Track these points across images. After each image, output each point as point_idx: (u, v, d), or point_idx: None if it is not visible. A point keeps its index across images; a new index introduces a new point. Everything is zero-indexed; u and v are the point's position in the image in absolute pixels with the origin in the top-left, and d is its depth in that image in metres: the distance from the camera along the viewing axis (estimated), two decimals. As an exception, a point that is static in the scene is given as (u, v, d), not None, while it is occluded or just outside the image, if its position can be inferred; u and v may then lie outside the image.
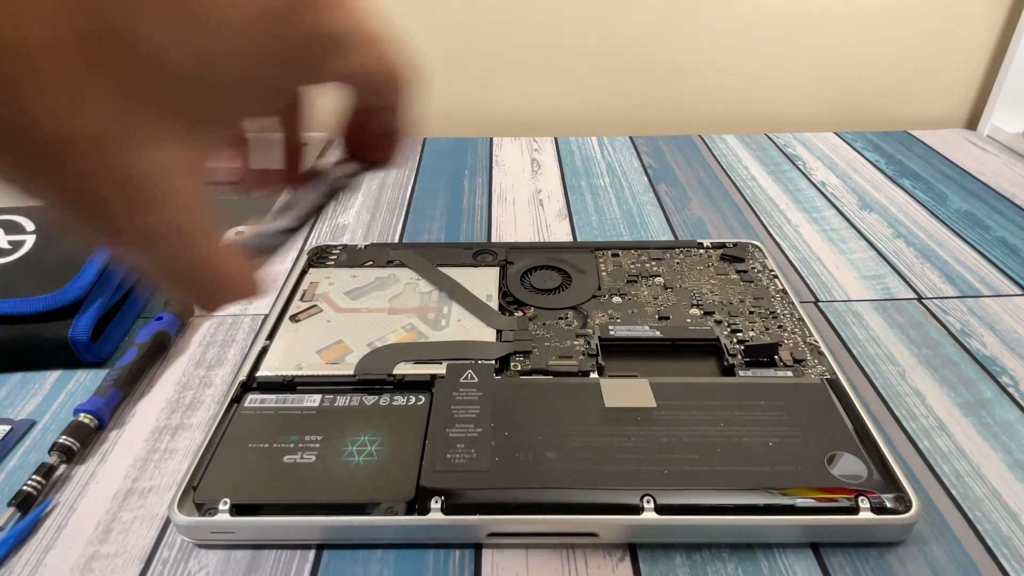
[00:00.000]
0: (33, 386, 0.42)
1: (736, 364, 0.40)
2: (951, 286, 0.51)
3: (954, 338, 0.46)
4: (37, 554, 0.32)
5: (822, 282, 0.52)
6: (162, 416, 0.40)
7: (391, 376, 0.39)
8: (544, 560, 0.32)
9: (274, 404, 0.38)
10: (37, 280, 0.44)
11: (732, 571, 0.32)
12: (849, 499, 0.32)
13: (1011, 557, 0.32)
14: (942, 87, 0.84)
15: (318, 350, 0.42)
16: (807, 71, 0.82)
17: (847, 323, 0.47)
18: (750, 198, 0.65)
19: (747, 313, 0.45)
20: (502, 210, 0.63)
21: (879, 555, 0.32)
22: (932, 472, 0.36)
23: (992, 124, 0.78)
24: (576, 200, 0.65)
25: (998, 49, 0.81)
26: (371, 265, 0.51)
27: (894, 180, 0.68)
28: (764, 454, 0.34)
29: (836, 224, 0.60)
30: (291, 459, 0.34)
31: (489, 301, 0.46)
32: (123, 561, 0.32)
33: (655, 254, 0.52)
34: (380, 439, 0.35)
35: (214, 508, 0.32)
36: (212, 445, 0.35)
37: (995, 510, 0.34)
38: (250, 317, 0.48)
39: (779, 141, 0.77)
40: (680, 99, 0.84)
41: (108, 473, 0.37)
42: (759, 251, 0.52)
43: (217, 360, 0.44)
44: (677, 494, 0.32)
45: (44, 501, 0.35)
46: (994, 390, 0.42)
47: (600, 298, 0.47)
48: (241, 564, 0.32)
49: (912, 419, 0.40)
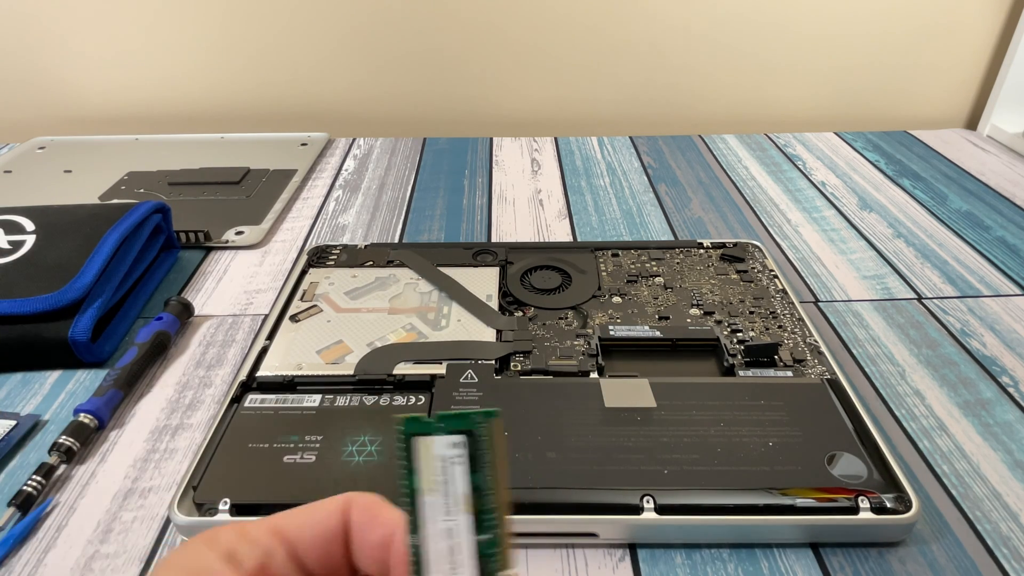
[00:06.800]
0: (33, 386, 0.42)
1: (736, 364, 0.40)
2: (951, 286, 0.51)
3: (954, 338, 0.46)
4: (37, 554, 0.32)
5: (822, 282, 0.52)
6: (162, 416, 0.40)
7: (391, 376, 0.39)
8: (544, 560, 0.32)
9: (274, 404, 0.38)
10: (37, 280, 0.44)
11: (732, 571, 0.32)
12: (849, 499, 0.32)
13: (1011, 557, 0.32)
14: (942, 87, 0.84)
15: (318, 350, 0.42)
16: (807, 71, 0.82)
17: (847, 323, 0.47)
18: (750, 198, 0.65)
19: (747, 313, 0.45)
20: (502, 210, 0.63)
21: (879, 555, 0.32)
22: (932, 472, 0.36)
23: (992, 124, 0.78)
24: (576, 200, 0.65)
25: (998, 49, 0.81)
26: (371, 265, 0.51)
27: (894, 180, 0.68)
28: (764, 454, 0.34)
29: (836, 224, 0.60)
30: (291, 459, 0.34)
31: (489, 301, 0.46)
32: (123, 561, 0.32)
33: (655, 254, 0.52)
34: (380, 439, 0.35)
35: (214, 508, 0.32)
36: (212, 445, 0.35)
37: (995, 510, 0.34)
38: (250, 317, 0.48)
39: (779, 141, 0.77)
40: (680, 99, 0.84)
41: (108, 473, 0.37)
42: (759, 251, 0.52)
43: (217, 360, 0.44)
44: (677, 494, 0.32)
45: (44, 501, 0.35)
46: (994, 390, 0.42)
47: (600, 298, 0.47)
48: (241, 564, 0.32)
49: (912, 419, 0.40)
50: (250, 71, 0.81)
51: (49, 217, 0.49)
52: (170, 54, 0.80)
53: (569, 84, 0.83)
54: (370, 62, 0.81)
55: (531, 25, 0.79)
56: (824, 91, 0.84)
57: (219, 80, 0.82)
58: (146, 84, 0.82)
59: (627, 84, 0.83)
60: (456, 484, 0.17)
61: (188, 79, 0.81)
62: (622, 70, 0.82)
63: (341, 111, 0.84)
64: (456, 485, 0.17)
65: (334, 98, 0.83)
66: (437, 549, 0.17)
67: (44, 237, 0.47)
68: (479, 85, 0.83)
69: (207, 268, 0.54)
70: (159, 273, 0.53)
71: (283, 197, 0.65)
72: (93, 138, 0.79)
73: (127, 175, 0.69)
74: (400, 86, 0.83)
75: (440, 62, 0.81)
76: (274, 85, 0.82)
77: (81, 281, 0.44)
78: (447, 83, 0.83)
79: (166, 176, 0.69)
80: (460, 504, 0.17)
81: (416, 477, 0.17)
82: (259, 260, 0.55)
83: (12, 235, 0.48)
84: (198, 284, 0.52)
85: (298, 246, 0.57)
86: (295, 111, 0.84)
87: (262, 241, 0.58)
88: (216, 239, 0.57)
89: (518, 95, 0.84)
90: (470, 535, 0.17)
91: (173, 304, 0.46)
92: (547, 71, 0.82)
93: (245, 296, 0.51)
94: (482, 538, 0.17)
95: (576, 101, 0.84)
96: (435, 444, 0.17)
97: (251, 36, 0.79)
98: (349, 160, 0.74)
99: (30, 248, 0.47)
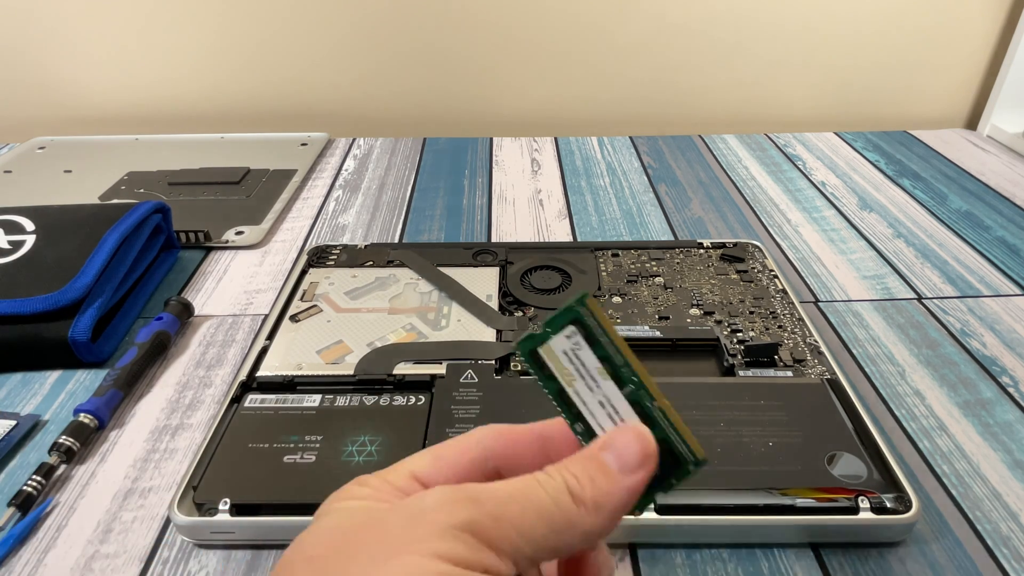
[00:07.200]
0: (33, 386, 0.42)
1: (736, 364, 0.40)
2: (951, 286, 0.51)
3: (954, 338, 0.46)
4: (37, 554, 0.32)
5: (822, 282, 0.52)
6: (162, 416, 0.40)
7: (391, 376, 0.39)
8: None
9: (274, 404, 0.38)
10: (37, 280, 0.44)
11: (732, 571, 0.32)
12: (849, 499, 0.32)
13: (1011, 557, 0.32)
14: (942, 87, 0.84)
15: (318, 350, 0.42)
16: (807, 71, 0.82)
17: (847, 323, 0.47)
18: (750, 198, 0.65)
19: (747, 313, 0.45)
20: (502, 210, 0.63)
21: (879, 555, 0.32)
22: (932, 472, 0.36)
23: (992, 124, 0.78)
24: (576, 200, 0.65)
25: (998, 49, 0.81)
26: (371, 265, 0.51)
27: (894, 180, 0.68)
28: (764, 454, 0.34)
29: (836, 224, 0.60)
30: (291, 459, 0.34)
31: (489, 301, 0.46)
32: (123, 561, 0.32)
33: (655, 254, 0.52)
34: (380, 439, 0.35)
35: (214, 508, 0.32)
36: (212, 445, 0.35)
37: (995, 510, 0.34)
38: (250, 317, 0.48)
39: (779, 141, 0.77)
40: (680, 99, 0.84)
41: (108, 473, 0.37)
42: (759, 251, 0.52)
43: (217, 360, 0.44)
44: (677, 494, 0.32)
45: (44, 501, 0.35)
46: (994, 390, 0.42)
47: (600, 298, 0.47)
48: (241, 564, 0.32)
49: (912, 419, 0.40)
50: (250, 71, 0.81)
51: (49, 217, 0.49)
52: (170, 54, 0.80)
53: (569, 84, 0.83)
54: (370, 62, 0.81)
55: (531, 25, 0.79)
56: (824, 91, 0.84)
57: (219, 80, 0.82)
58: (146, 84, 0.82)
59: (627, 84, 0.83)
60: (587, 364, 0.20)
61: (188, 79, 0.81)
62: (622, 70, 0.82)
63: (341, 111, 0.84)
64: (587, 365, 0.20)
65: (334, 98, 0.83)
66: (599, 417, 0.20)
67: (44, 237, 0.47)
68: (479, 85, 0.83)
69: (207, 268, 0.54)
70: (159, 273, 0.53)
71: (283, 197, 0.65)
72: (93, 138, 0.79)
73: (127, 175, 0.69)
74: (400, 86, 0.83)
75: (440, 62, 0.81)
76: (274, 85, 0.82)
77: (81, 281, 0.44)
78: (447, 83, 0.83)
79: (166, 176, 0.69)
80: (597, 376, 0.20)
81: (555, 380, 0.20)
82: (259, 260, 0.55)
83: (12, 235, 0.48)
84: (198, 284, 0.52)
85: (298, 246, 0.57)
86: (295, 111, 0.84)
87: (262, 241, 0.58)
88: (216, 239, 0.57)
89: (518, 95, 0.84)
90: (617, 392, 0.20)
91: (173, 304, 0.46)
92: (547, 71, 0.82)
93: (245, 296, 0.51)
94: (626, 390, 0.20)
95: (576, 101, 0.84)
96: (555, 345, 0.20)
97: (251, 36, 0.79)
98: (349, 160, 0.74)
99: (30, 248, 0.47)
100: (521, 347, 0.21)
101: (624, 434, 0.20)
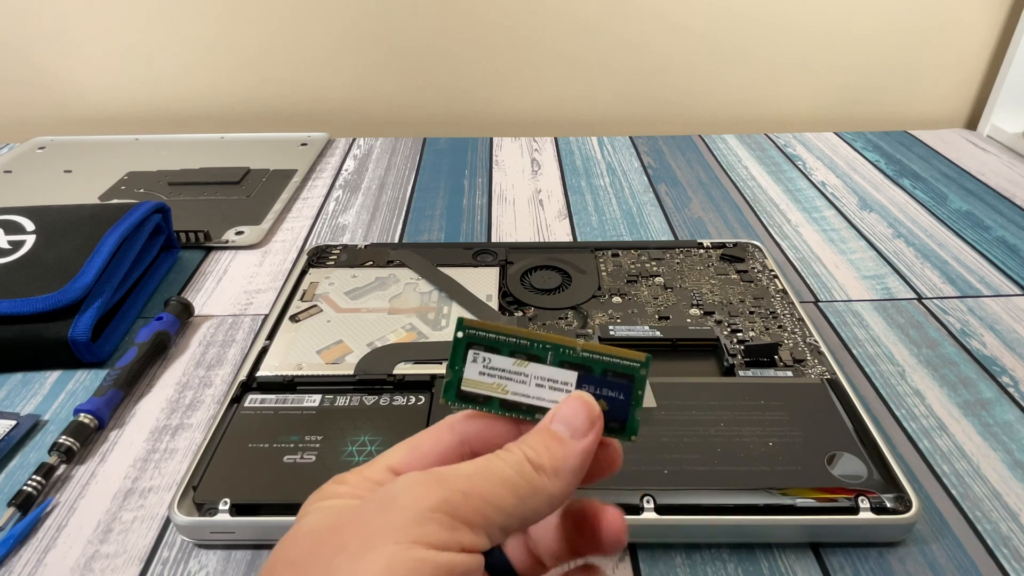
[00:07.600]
0: (33, 386, 0.42)
1: (736, 364, 0.40)
2: (951, 286, 0.51)
3: (954, 338, 0.46)
4: (37, 554, 0.32)
5: (822, 282, 0.52)
6: (162, 416, 0.40)
7: (391, 376, 0.39)
8: (544, 560, 0.32)
9: (274, 404, 0.38)
10: (37, 280, 0.44)
11: (732, 571, 0.32)
12: (849, 499, 0.32)
13: (1011, 557, 0.32)
14: (942, 87, 0.84)
15: (318, 350, 0.42)
16: (807, 71, 0.82)
17: (847, 323, 0.47)
18: (750, 198, 0.65)
19: (747, 313, 0.45)
20: (502, 210, 0.63)
21: (879, 555, 0.32)
22: (932, 472, 0.36)
23: (992, 124, 0.78)
24: (576, 200, 0.65)
25: (998, 49, 0.81)
26: (371, 265, 0.51)
27: (894, 180, 0.68)
28: (764, 454, 0.34)
29: (836, 224, 0.60)
30: (291, 459, 0.34)
31: (489, 301, 0.46)
32: (123, 561, 0.32)
33: (655, 254, 0.52)
34: (380, 439, 0.35)
35: (214, 508, 0.32)
36: (212, 445, 0.35)
37: (995, 510, 0.34)
38: (250, 317, 0.48)
39: (779, 141, 0.77)
40: (680, 99, 0.84)
41: (108, 473, 0.37)
42: (759, 251, 0.52)
43: (217, 360, 0.44)
44: (677, 494, 0.32)
45: (44, 501, 0.35)
46: (994, 390, 0.42)
47: (600, 298, 0.47)
48: (241, 564, 0.32)
49: (912, 419, 0.40)
50: (250, 71, 0.81)
51: (49, 217, 0.49)
52: (170, 54, 0.80)
53: (569, 84, 0.83)
54: (370, 62, 0.81)
55: (531, 25, 0.79)
56: (824, 91, 0.84)
57: (219, 80, 0.82)
58: (146, 84, 0.82)
59: (627, 84, 0.83)
60: (504, 367, 0.21)
61: (188, 79, 0.81)
62: (622, 70, 0.82)
63: (341, 111, 0.84)
64: (505, 367, 0.21)
65: (334, 98, 0.83)
66: (546, 396, 0.21)
67: (44, 237, 0.47)
68: (479, 85, 0.83)
69: (207, 268, 0.54)
70: (159, 273, 0.53)
71: (283, 197, 0.65)
72: (93, 138, 0.79)
73: (127, 175, 0.69)
74: (400, 86, 0.83)
75: (440, 62, 0.81)
76: (274, 85, 0.82)
77: (81, 281, 0.44)
78: (447, 83, 0.83)
79: (166, 176, 0.69)
80: (519, 369, 0.21)
81: (493, 398, 0.21)
82: (259, 260, 0.55)
83: (12, 235, 0.48)
84: (198, 284, 0.52)
85: (298, 246, 0.57)
86: (295, 111, 0.84)
87: (262, 241, 0.58)
88: (216, 239, 0.57)
89: (518, 95, 0.84)
90: (544, 367, 0.21)
91: (173, 304, 0.46)
92: (547, 71, 0.82)
93: (245, 296, 0.51)
94: (548, 359, 0.21)
95: (576, 101, 0.84)
96: (469, 375, 0.21)
97: (251, 36, 0.79)
98: (349, 160, 0.74)
99: (30, 248, 0.47)
100: (448, 398, 0.22)
101: (570, 403, 0.21)
